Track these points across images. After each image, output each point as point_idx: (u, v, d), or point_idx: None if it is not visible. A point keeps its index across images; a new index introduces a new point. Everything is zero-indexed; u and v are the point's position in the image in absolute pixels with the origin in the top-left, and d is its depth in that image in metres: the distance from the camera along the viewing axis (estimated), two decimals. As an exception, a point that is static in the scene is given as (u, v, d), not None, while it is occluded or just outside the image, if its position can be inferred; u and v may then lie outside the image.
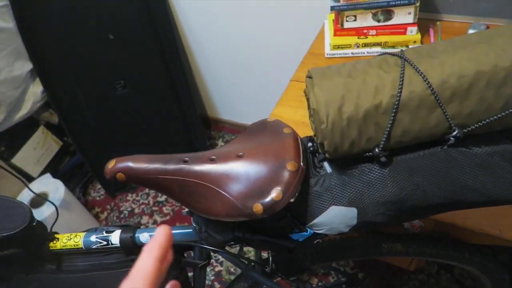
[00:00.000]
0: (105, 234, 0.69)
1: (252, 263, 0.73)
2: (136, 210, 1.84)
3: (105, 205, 1.89)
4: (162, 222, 1.76)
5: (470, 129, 0.45)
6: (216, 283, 1.52)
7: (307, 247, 0.75)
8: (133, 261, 0.71)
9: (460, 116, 0.44)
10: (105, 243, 0.69)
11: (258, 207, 0.48)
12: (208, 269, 1.56)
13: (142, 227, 1.58)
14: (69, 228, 1.51)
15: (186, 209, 0.61)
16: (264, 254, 0.75)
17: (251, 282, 0.82)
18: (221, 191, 0.51)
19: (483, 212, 0.69)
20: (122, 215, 1.83)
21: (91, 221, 1.74)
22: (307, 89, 0.50)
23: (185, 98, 1.71)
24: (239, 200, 0.49)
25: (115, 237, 0.68)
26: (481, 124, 0.44)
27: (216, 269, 1.56)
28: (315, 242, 0.76)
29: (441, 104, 0.43)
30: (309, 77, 0.49)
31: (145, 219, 1.79)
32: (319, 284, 1.19)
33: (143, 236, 0.68)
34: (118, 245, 0.68)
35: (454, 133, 0.44)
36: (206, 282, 1.54)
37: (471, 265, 0.77)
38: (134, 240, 0.68)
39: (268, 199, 0.48)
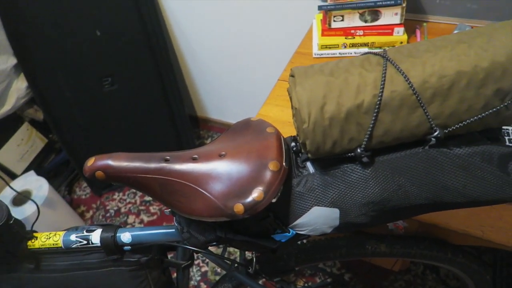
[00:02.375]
0: (85, 233, 0.68)
1: (236, 264, 0.72)
2: (123, 209, 1.82)
3: (91, 204, 1.86)
4: (149, 222, 1.75)
5: (451, 129, 0.44)
6: (202, 284, 1.51)
7: (291, 248, 0.74)
8: (114, 261, 0.70)
9: (441, 116, 0.44)
10: (85, 242, 0.67)
11: (239, 207, 0.47)
12: (194, 270, 1.55)
13: (128, 226, 1.57)
14: (53, 227, 1.49)
15: (169, 209, 0.60)
16: (249, 255, 0.75)
17: (235, 282, 0.81)
18: (202, 190, 0.50)
19: (465, 212, 0.69)
20: (108, 214, 1.81)
21: (76, 220, 1.71)
22: (289, 88, 0.49)
23: (173, 97, 1.69)
24: (220, 200, 0.49)
25: (95, 237, 0.67)
26: (462, 124, 0.44)
27: (203, 269, 1.55)
28: (298, 242, 0.76)
29: (422, 104, 0.43)
30: (292, 75, 0.49)
31: (131, 219, 1.77)
32: (305, 285, 1.19)
33: (124, 236, 0.67)
34: (99, 244, 0.67)
35: (435, 133, 0.44)
36: (192, 282, 1.53)
37: (454, 265, 0.78)
38: (116, 240, 0.67)
39: (249, 199, 0.47)
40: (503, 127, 0.51)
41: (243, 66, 1.63)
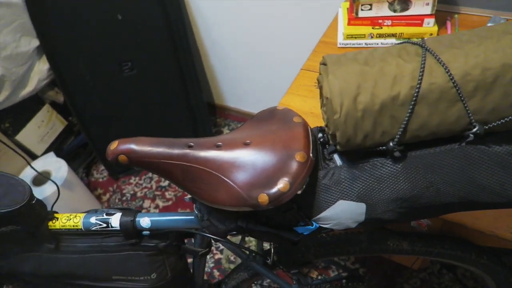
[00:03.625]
0: (105, 216, 0.68)
1: (253, 254, 0.72)
2: (139, 194, 1.83)
3: (108, 187, 1.89)
4: (164, 207, 1.76)
5: (491, 126, 0.42)
6: (215, 271, 1.52)
7: (311, 240, 0.73)
8: (132, 245, 0.70)
9: (482, 111, 0.41)
10: (105, 225, 0.68)
11: (263, 198, 0.46)
12: (208, 257, 1.56)
13: (143, 211, 1.58)
14: (70, 208, 1.51)
15: (189, 196, 0.60)
16: (266, 245, 0.74)
17: (251, 272, 0.81)
18: (225, 179, 0.49)
19: (494, 213, 0.67)
20: (124, 198, 1.83)
21: (93, 202, 1.73)
22: (320, 77, 0.47)
23: (192, 84, 1.69)
24: (244, 189, 0.48)
25: (115, 220, 0.67)
26: (503, 121, 0.42)
27: (216, 256, 1.55)
28: (321, 235, 0.75)
29: (462, 98, 0.41)
30: (323, 64, 0.47)
31: (147, 203, 1.79)
32: (320, 277, 1.18)
33: (143, 221, 0.67)
34: (118, 228, 0.67)
35: (474, 129, 0.42)
36: (206, 269, 1.54)
37: (478, 267, 0.76)
38: (135, 224, 0.67)
39: (274, 189, 0.46)
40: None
41: (263, 55, 1.60)
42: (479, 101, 0.41)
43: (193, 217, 0.65)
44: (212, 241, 0.73)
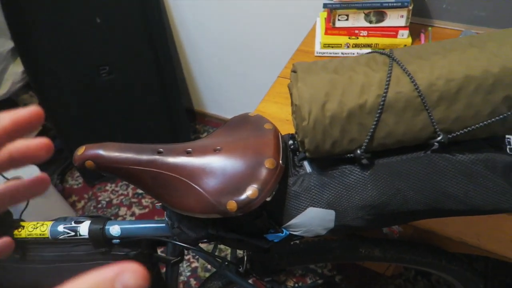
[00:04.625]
0: (73, 225, 0.66)
1: (226, 262, 0.71)
2: (115, 201, 1.79)
3: (83, 194, 1.84)
4: (141, 215, 1.73)
5: (455, 135, 0.43)
6: (192, 279, 1.49)
7: (284, 248, 0.73)
8: (102, 254, 0.68)
9: (446, 121, 0.42)
10: (73, 233, 0.66)
11: (232, 205, 0.46)
12: (184, 265, 1.53)
13: (119, 219, 1.53)
14: (43, 216, 1.46)
15: (160, 203, 0.59)
16: (241, 253, 0.73)
17: (225, 281, 0.80)
18: (195, 185, 0.48)
19: (462, 220, 0.68)
20: (99, 205, 1.79)
21: (67, 209, 1.68)
22: (290, 84, 0.47)
23: (171, 89, 1.67)
24: (213, 196, 0.47)
25: (84, 228, 0.65)
26: (467, 130, 0.43)
27: (193, 265, 1.53)
28: (291, 243, 0.74)
29: (427, 108, 0.42)
30: (294, 71, 0.47)
31: (123, 211, 1.75)
32: (296, 285, 1.18)
33: (113, 229, 0.66)
34: (87, 236, 0.65)
35: (439, 138, 0.43)
36: (182, 278, 1.51)
37: (448, 273, 0.77)
38: (104, 232, 0.65)
39: (243, 196, 0.46)
40: (506, 136, 0.50)
41: (243, 62, 1.61)
42: (443, 111, 0.42)
43: (164, 224, 0.64)
44: (185, 250, 0.71)
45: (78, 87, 1.55)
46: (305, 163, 0.51)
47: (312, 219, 0.50)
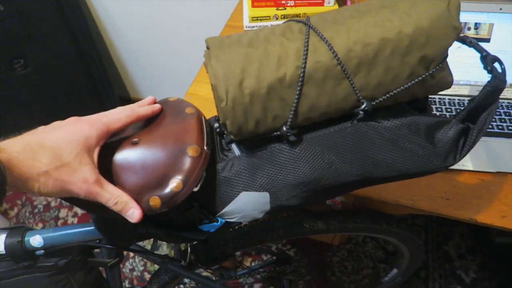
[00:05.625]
0: (-15, 241, 0.58)
1: (165, 258, 0.67)
2: (53, 204, 1.67)
3: (15, 200, 1.69)
4: (84, 215, 1.62)
5: (378, 101, 0.42)
6: (146, 273, 1.44)
7: (227, 234, 0.71)
8: (26, 268, 0.61)
9: (367, 87, 0.41)
10: (-14, 251, 0.58)
11: (155, 201, 0.42)
12: (137, 260, 1.48)
13: (60, 221, 1.41)
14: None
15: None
16: (184, 245, 0.70)
17: (171, 274, 0.76)
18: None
19: (397, 184, 0.69)
20: (36, 210, 1.65)
21: (-2, 219, 1.54)
22: (205, 62, 0.43)
23: (100, 78, 1.55)
24: (134, 193, 0.43)
25: (-2, 243, 0.58)
26: (389, 95, 0.42)
27: (145, 259, 1.48)
28: (231, 229, 0.72)
29: (348, 75, 0.40)
30: (207, 47, 0.43)
31: (63, 212, 1.64)
32: (249, 266, 1.18)
33: (34, 240, 0.59)
34: (4, 252, 0.58)
35: (363, 106, 0.42)
36: (135, 273, 1.46)
37: (389, 235, 0.79)
38: (24, 245, 0.58)
39: (166, 190, 0.42)
40: (429, 96, 0.50)
41: (173, 43, 1.52)
42: (364, 77, 0.40)
43: (93, 227, 0.58)
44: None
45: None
46: (233, 146, 0.47)
47: (246, 204, 0.47)
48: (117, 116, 0.44)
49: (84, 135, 0.40)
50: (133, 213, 0.42)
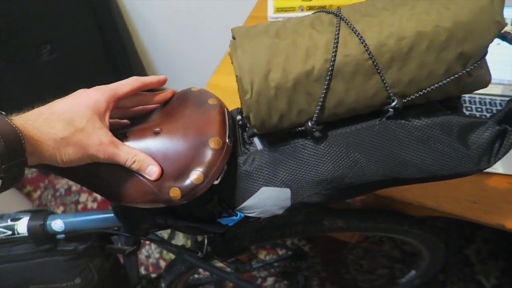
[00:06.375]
0: (10, 223, 0.60)
1: (182, 249, 0.67)
2: (74, 188, 1.70)
3: (38, 183, 1.73)
4: (103, 200, 1.65)
5: (410, 99, 0.40)
6: (161, 261, 1.46)
7: (245, 227, 0.70)
8: (47, 251, 0.62)
9: (399, 84, 0.39)
10: (10, 232, 0.60)
11: (175, 192, 0.41)
12: (152, 247, 1.50)
13: (80, 206, 1.45)
14: (-7, 210, 1.36)
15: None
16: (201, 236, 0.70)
17: (187, 264, 0.76)
18: (134, 173, 0.43)
19: (421, 184, 0.67)
20: (57, 193, 1.69)
21: (21, 201, 1.59)
22: (230, 52, 0.42)
23: (123, 66, 1.57)
24: (154, 184, 0.42)
25: (22, 226, 0.60)
26: (421, 93, 0.40)
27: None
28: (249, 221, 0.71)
29: (379, 70, 0.38)
30: (233, 37, 0.42)
31: (83, 197, 1.67)
32: (264, 260, 1.17)
33: (55, 224, 0.60)
34: (26, 234, 0.59)
35: (393, 103, 0.40)
36: (151, 260, 1.48)
37: (411, 236, 0.77)
38: (45, 228, 0.60)
39: (187, 182, 0.41)
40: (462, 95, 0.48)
41: (196, 32, 1.52)
42: (396, 73, 0.38)
43: (112, 214, 0.59)
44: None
45: (16, 69, 1.41)
46: (256, 140, 0.46)
47: (266, 199, 0.46)
48: (123, 82, 0.46)
49: (92, 100, 0.42)
50: (151, 170, 0.42)
